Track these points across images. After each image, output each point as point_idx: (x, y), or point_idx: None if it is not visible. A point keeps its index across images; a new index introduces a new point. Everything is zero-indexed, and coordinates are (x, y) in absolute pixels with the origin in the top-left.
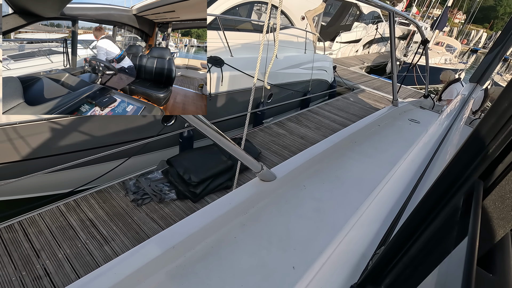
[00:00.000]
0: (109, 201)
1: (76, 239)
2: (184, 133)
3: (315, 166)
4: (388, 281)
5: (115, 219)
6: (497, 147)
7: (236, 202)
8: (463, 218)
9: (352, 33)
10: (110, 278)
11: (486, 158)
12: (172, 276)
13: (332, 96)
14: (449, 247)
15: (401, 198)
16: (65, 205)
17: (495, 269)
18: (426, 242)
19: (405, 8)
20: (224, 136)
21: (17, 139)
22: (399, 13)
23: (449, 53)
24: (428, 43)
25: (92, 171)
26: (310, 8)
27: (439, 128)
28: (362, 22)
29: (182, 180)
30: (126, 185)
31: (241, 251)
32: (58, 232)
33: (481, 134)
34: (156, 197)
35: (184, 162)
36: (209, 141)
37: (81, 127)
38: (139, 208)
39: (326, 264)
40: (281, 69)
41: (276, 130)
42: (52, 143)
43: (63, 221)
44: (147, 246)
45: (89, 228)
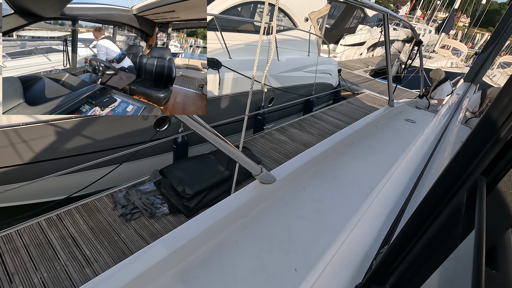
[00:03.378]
0: (95, 216)
1: (55, 260)
2: (178, 139)
3: (314, 167)
4: (393, 280)
5: (99, 237)
6: (498, 143)
7: (236, 205)
8: (467, 214)
9: (356, 35)
10: (111, 285)
11: (488, 154)
12: (174, 281)
13: (336, 100)
14: (454, 244)
15: (401, 197)
16: (46, 221)
17: (498, 265)
18: (430, 239)
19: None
20: (222, 138)
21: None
22: (392, 15)
23: (455, 57)
24: (421, 44)
25: (79, 179)
26: (314, 10)
27: (435, 128)
28: (366, 24)
29: (175, 193)
30: (115, 198)
31: (243, 255)
32: (36, 251)
33: (483, 130)
34: (147, 212)
35: (178, 172)
36: (205, 147)
37: (68, 132)
38: (128, 223)
39: (329, 265)
40: (283, 72)
41: (278, 136)
42: (34, 148)
43: (43, 239)
44: (148, 251)
45: (70, 247)
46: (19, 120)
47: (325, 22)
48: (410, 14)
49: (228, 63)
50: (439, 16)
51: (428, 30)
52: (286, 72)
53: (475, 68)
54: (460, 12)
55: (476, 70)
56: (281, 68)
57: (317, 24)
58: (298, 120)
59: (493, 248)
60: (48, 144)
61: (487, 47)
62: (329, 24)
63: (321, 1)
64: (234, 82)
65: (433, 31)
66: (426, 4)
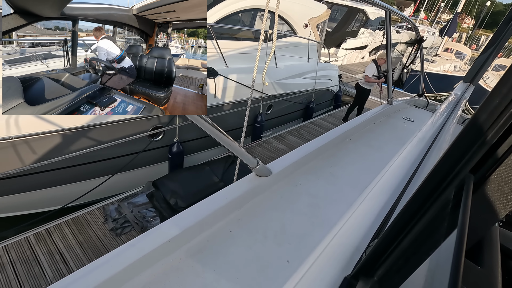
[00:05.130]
0: (85, 230)
1: (41, 278)
2: (174, 148)
3: (310, 162)
4: (380, 272)
5: (88, 253)
6: (487, 142)
7: (232, 197)
8: (453, 211)
9: (358, 39)
10: (106, 271)
11: (477, 152)
12: (168, 269)
13: (337, 106)
14: (440, 239)
15: (394, 194)
16: (35, 236)
17: (483, 261)
18: (417, 234)
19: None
20: (220, 130)
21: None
22: (394, 11)
23: (459, 60)
24: (423, 42)
25: (72, 190)
26: (313, 16)
27: (432, 127)
28: (368, 28)
29: (167, 205)
30: (106, 211)
31: (237, 245)
32: (22, 268)
33: (472, 129)
34: (138, 225)
35: (171, 184)
36: (202, 155)
37: (58, 141)
38: (118, 238)
39: (320, 257)
40: (282, 79)
41: (275, 145)
42: (25, 159)
43: (30, 255)
44: (144, 239)
45: (57, 264)
46: (18, 123)
47: (325, 27)
48: (414, 16)
49: (225, 71)
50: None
51: (432, 32)
52: (285, 79)
53: (475, 69)
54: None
55: (475, 71)
56: (280, 75)
57: (317, 30)
58: (297, 127)
59: (479, 244)
60: (39, 154)
61: (487, 47)
62: (330, 27)
63: (320, 7)
64: (232, 90)
65: (436, 33)
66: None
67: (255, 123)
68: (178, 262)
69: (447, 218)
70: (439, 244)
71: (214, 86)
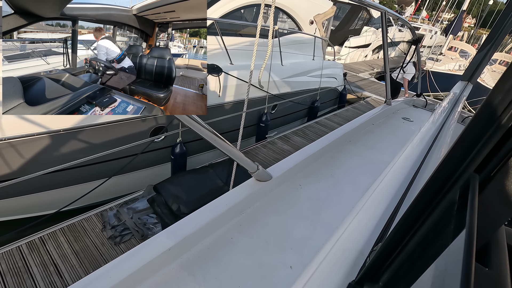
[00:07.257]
0: (82, 238)
1: None
2: (176, 149)
3: (311, 165)
4: (386, 277)
5: (84, 264)
6: (491, 140)
7: (232, 202)
8: (459, 212)
9: (361, 37)
10: (105, 282)
11: (481, 151)
12: (169, 278)
13: (342, 106)
14: (447, 241)
15: (396, 196)
16: (27, 245)
17: (491, 263)
18: (423, 237)
19: (414, 12)
20: (219, 136)
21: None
22: (390, 12)
23: (463, 59)
24: (419, 42)
25: (66, 193)
26: (319, 12)
27: (432, 126)
28: (372, 26)
29: (169, 211)
30: (104, 217)
31: (238, 252)
32: (13, 281)
33: (475, 128)
34: (138, 233)
35: (173, 188)
36: (205, 156)
37: (54, 142)
38: (117, 247)
39: (323, 262)
40: (287, 78)
41: (281, 146)
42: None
43: (22, 266)
44: (143, 248)
45: (51, 277)
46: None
47: (330, 24)
48: (415, 15)
49: (229, 68)
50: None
51: (434, 31)
52: (290, 77)
53: (472, 67)
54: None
55: (473, 69)
56: (285, 73)
57: (322, 27)
58: (302, 128)
59: (486, 245)
60: (34, 156)
61: (484, 45)
62: (334, 25)
63: (326, 3)
64: (236, 88)
65: (438, 32)
66: (431, 5)
67: (259, 123)
68: (179, 271)
69: (453, 219)
70: (445, 247)
71: (218, 83)
